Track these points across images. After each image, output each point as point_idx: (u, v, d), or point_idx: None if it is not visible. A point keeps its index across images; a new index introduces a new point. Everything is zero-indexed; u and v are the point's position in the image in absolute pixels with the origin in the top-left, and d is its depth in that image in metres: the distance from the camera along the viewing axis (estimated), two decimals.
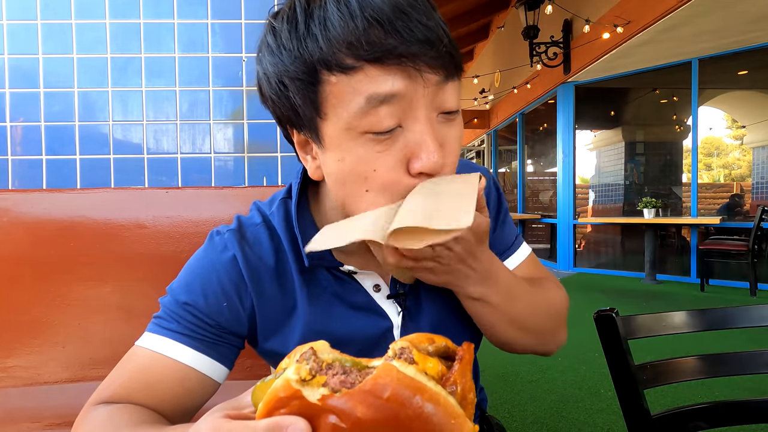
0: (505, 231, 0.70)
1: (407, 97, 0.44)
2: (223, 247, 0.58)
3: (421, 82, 0.44)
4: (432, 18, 0.44)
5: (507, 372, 2.70)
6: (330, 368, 0.31)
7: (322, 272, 0.59)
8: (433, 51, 0.43)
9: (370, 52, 0.42)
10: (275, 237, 0.60)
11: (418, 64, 0.43)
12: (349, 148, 0.46)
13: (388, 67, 0.42)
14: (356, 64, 0.42)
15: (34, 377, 1.00)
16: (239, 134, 1.09)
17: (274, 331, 0.59)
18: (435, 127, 0.46)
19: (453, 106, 0.47)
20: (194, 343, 0.55)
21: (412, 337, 0.34)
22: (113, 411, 0.51)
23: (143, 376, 0.54)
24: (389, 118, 0.44)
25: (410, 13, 0.42)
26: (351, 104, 0.44)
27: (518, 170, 8.50)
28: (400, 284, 0.60)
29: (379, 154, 0.46)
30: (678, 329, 0.82)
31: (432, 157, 0.45)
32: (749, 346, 1.02)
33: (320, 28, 0.43)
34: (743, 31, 4.66)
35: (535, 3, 5.46)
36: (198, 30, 1.07)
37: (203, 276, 0.57)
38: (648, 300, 4.49)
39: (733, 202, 6.55)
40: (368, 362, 0.32)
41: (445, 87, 0.46)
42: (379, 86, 0.43)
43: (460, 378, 0.31)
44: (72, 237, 1.01)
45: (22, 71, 1.04)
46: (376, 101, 0.43)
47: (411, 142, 0.46)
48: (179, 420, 0.56)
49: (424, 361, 0.31)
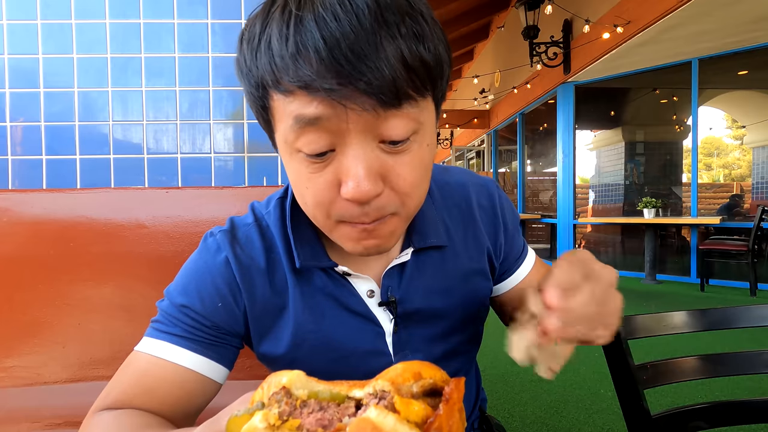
0: (516, 240, 0.71)
1: (334, 123, 0.43)
2: (216, 249, 0.59)
3: (348, 112, 0.42)
4: (376, 45, 0.40)
5: (507, 372, 2.70)
6: (305, 406, 0.29)
7: (317, 272, 0.59)
8: (354, 85, 0.40)
9: (295, 79, 0.41)
10: (267, 236, 0.60)
11: (339, 96, 0.41)
12: (287, 161, 0.49)
13: (313, 96, 0.42)
14: (290, 88, 0.42)
15: (34, 377, 1.00)
16: (239, 134, 1.09)
17: (266, 332, 0.59)
18: (371, 155, 0.44)
19: (398, 135, 0.44)
20: (192, 345, 0.56)
21: (396, 373, 0.31)
22: (117, 416, 0.52)
23: (143, 380, 0.54)
24: (317, 141, 0.44)
25: (341, 41, 0.40)
26: (284, 122, 0.45)
27: (518, 170, 8.50)
28: (392, 291, 0.60)
29: (312, 174, 0.46)
30: (678, 329, 0.82)
31: (360, 185, 0.44)
32: (749, 346, 1.02)
33: (266, 48, 0.44)
34: (743, 31, 4.66)
35: (535, 3, 5.46)
36: (198, 30, 1.07)
37: (198, 278, 0.58)
38: (648, 300, 4.49)
39: (733, 202, 6.55)
40: (348, 390, 0.31)
41: (384, 116, 0.43)
42: (304, 109, 0.43)
43: (446, 421, 0.29)
44: (72, 237, 1.01)
45: (22, 71, 1.04)
46: (302, 123, 0.43)
47: (342, 167, 0.45)
48: (182, 423, 0.56)
49: (407, 408, 0.29)
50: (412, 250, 0.60)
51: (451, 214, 0.65)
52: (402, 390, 0.30)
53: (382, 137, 0.44)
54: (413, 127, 0.45)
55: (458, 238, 0.64)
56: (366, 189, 0.44)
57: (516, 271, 0.70)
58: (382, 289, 0.60)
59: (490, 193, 0.68)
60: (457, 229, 0.65)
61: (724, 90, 6.41)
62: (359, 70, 0.40)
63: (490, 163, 9.81)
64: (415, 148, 0.47)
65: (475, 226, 0.66)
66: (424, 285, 0.61)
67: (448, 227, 0.64)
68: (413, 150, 0.46)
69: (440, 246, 0.62)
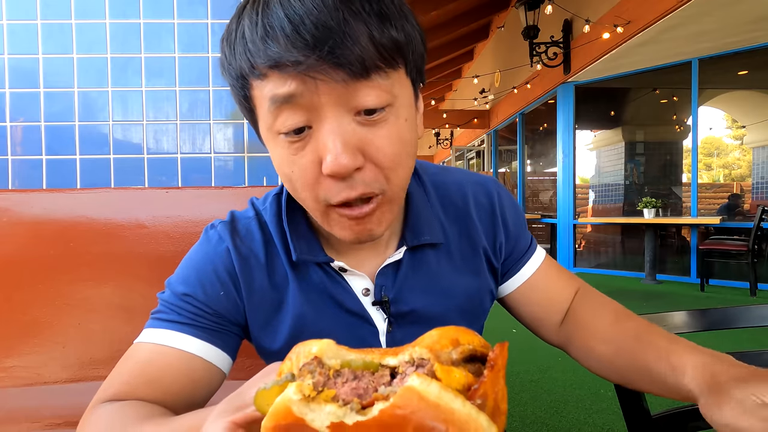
0: (521, 239, 0.70)
1: (307, 98, 0.44)
2: (217, 239, 0.60)
3: (318, 84, 0.43)
4: (339, 20, 0.42)
5: (507, 372, 2.67)
6: (338, 376, 0.28)
7: (314, 268, 0.59)
8: (316, 56, 0.42)
9: (266, 60, 0.43)
10: (266, 230, 0.60)
11: (306, 69, 0.42)
12: (272, 147, 0.50)
13: (284, 73, 0.43)
14: (264, 71, 0.44)
15: (34, 377, 1.00)
16: (239, 134, 1.09)
17: (264, 325, 0.59)
18: (347, 129, 0.45)
19: (371, 103, 0.45)
20: (197, 332, 0.55)
21: (433, 341, 0.29)
22: (119, 407, 0.50)
23: (147, 370, 0.53)
24: (292, 117, 0.45)
25: (305, 18, 0.42)
26: (263, 107, 0.47)
27: (518, 170, 8.50)
28: (385, 290, 0.60)
29: (294, 156, 0.47)
30: (678, 329, 0.82)
31: (338, 159, 0.44)
32: (749, 346, 1.02)
33: (240, 38, 0.46)
34: (743, 31, 4.66)
35: (535, 3, 5.46)
36: (198, 30, 1.07)
37: (199, 267, 0.58)
38: (648, 300, 4.49)
39: (733, 202, 6.55)
40: (381, 357, 0.29)
41: (355, 86, 0.44)
42: (278, 89, 0.44)
43: (491, 388, 0.27)
44: (72, 237, 1.01)
45: (22, 71, 1.04)
46: (277, 102, 0.45)
47: (320, 143, 0.46)
48: None
49: (448, 375, 0.27)
50: (406, 249, 0.60)
51: (447, 212, 0.65)
52: (441, 357, 0.28)
53: (357, 108, 0.45)
54: (386, 99, 0.46)
55: (454, 237, 0.64)
56: (344, 162, 0.44)
57: (520, 269, 0.69)
58: (375, 288, 0.60)
59: (489, 191, 0.67)
60: (453, 227, 0.65)
61: (724, 90, 6.41)
62: (324, 42, 0.42)
63: (490, 163, 9.81)
64: (391, 120, 0.47)
65: (472, 224, 0.65)
66: (419, 284, 0.61)
67: (443, 225, 0.64)
68: (389, 122, 0.47)
69: (435, 244, 0.62)
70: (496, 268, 0.68)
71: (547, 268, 0.70)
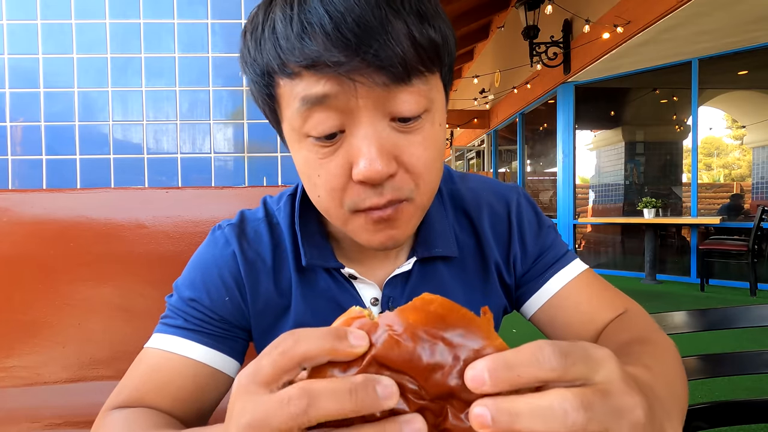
0: (544, 252, 0.63)
1: (342, 100, 0.41)
2: (224, 242, 0.58)
3: (357, 87, 0.41)
4: (382, 19, 0.40)
5: None
6: None
7: (321, 274, 0.58)
8: (360, 57, 0.39)
9: (302, 59, 0.41)
10: (276, 233, 0.59)
11: (347, 70, 0.40)
12: (296, 149, 0.47)
13: (320, 73, 0.41)
14: (296, 70, 0.42)
15: (34, 377, 1.00)
16: (239, 134, 1.09)
17: (267, 330, 0.59)
18: (382, 134, 0.43)
19: (410, 111, 0.43)
20: (202, 338, 0.55)
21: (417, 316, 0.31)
22: (129, 414, 0.50)
23: (155, 376, 0.54)
24: (325, 121, 0.42)
25: (346, 15, 0.39)
26: (291, 107, 0.44)
27: (518, 170, 8.50)
28: (393, 301, 0.58)
29: (322, 160, 0.45)
30: (678, 329, 0.82)
31: (372, 165, 0.42)
32: (749, 346, 1.02)
33: (270, 33, 0.43)
34: (743, 31, 4.66)
35: (535, 3, 5.46)
36: (198, 30, 1.07)
37: (205, 271, 0.57)
38: (648, 300, 4.49)
39: (733, 202, 6.55)
40: None
41: (395, 92, 0.42)
42: (312, 89, 0.42)
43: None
44: (72, 237, 1.01)
45: (22, 71, 1.04)
46: (309, 103, 0.42)
47: (353, 148, 0.43)
48: (195, 421, 0.55)
49: None
50: (417, 260, 0.58)
51: (461, 224, 0.62)
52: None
53: (393, 114, 0.43)
54: (425, 105, 0.44)
55: (469, 251, 0.62)
56: (378, 168, 0.42)
57: (543, 285, 0.62)
58: (383, 298, 0.58)
59: (507, 200, 0.63)
60: (469, 240, 0.62)
61: (724, 90, 6.41)
62: (367, 43, 0.39)
63: (490, 163, 9.81)
64: (427, 126, 0.45)
65: (484, 237, 0.62)
66: None
67: (458, 238, 0.61)
68: (425, 129, 0.45)
69: (447, 257, 0.59)
70: (509, 284, 0.63)
71: (582, 284, 0.61)
